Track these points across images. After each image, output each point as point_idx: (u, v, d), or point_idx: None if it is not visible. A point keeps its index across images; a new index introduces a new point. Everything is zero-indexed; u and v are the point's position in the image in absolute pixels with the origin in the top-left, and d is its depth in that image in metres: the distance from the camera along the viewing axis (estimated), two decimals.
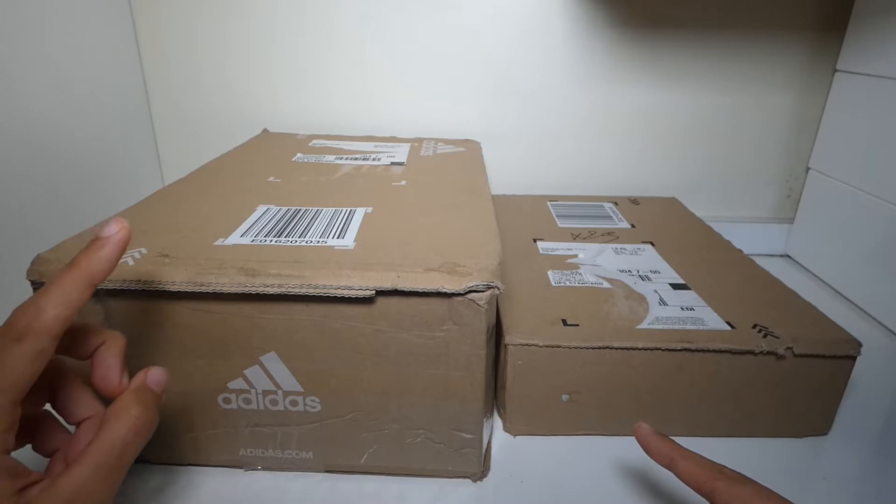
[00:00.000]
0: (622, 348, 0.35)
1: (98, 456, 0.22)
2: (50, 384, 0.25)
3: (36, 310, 0.21)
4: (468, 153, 0.55)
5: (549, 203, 0.60)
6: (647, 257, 0.47)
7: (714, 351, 0.35)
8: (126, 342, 0.25)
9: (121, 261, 0.29)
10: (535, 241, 0.50)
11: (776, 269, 0.56)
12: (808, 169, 0.63)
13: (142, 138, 0.63)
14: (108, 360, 0.24)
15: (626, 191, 0.66)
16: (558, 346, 0.35)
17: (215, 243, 0.32)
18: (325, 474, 0.34)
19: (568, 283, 0.42)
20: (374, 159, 0.51)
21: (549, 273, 0.44)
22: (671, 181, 0.66)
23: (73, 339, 0.24)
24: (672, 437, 0.30)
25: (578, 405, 0.37)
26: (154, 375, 0.25)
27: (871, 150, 0.53)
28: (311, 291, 0.28)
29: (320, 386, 0.31)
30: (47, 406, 0.26)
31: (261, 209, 0.37)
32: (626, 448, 0.36)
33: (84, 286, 0.22)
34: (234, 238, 0.33)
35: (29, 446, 0.25)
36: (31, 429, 0.25)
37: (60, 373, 0.25)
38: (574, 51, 0.61)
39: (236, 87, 0.63)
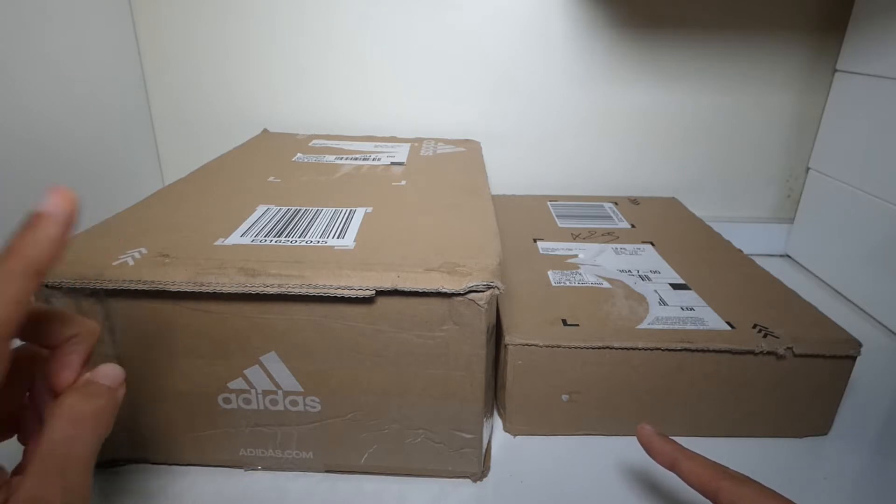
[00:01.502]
0: (622, 348, 0.35)
1: (43, 462, 0.20)
2: (29, 373, 0.23)
3: None
4: (468, 153, 0.55)
5: (549, 203, 0.60)
6: (647, 257, 0.47)
7: (714, 351, 0.35)
8: (98, 337, 0.23)
9: (120, 260, 0.29)
10: (535, 241, 0.50)
11: (776, 269, 0.56)
12: (808, 169, 0.63)
13: (142, 138, 0.63)
14: (71, 355, 0.22)
15: (626, 191, 0.66)
16: (558, 346, 0.35)
17: (215, 243, 0.32)
18: (325, 474, 0.34)
19: (568, 283, 0.42)
20: (374, 159, 0.51)
21: (549, 273, 0.44)
22: (671, 181, 0.66)
23: (41, 326, 0.22)
24: (672, 438, 0.30)
25: (578, 405, 0.37)
26: (103, 370, 0.22)
27: (871, 150, 0.53)
28: (311, 291, 0.28)
29: (320, 386, 0.31)
30: None
31: (261, 209, 0.37)
32: (627, 448, 0.36)
33: (27, 276, 0.19)
34: (234, 238, 0.33)
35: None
36: (15, 420, 0.23)
37: (36, 362, 0.23)
38: (574, 51, 0.61)
39: (236, 87, 0.63)
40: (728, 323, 0.37)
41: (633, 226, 0.54)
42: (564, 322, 0.37)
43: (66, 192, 0.20)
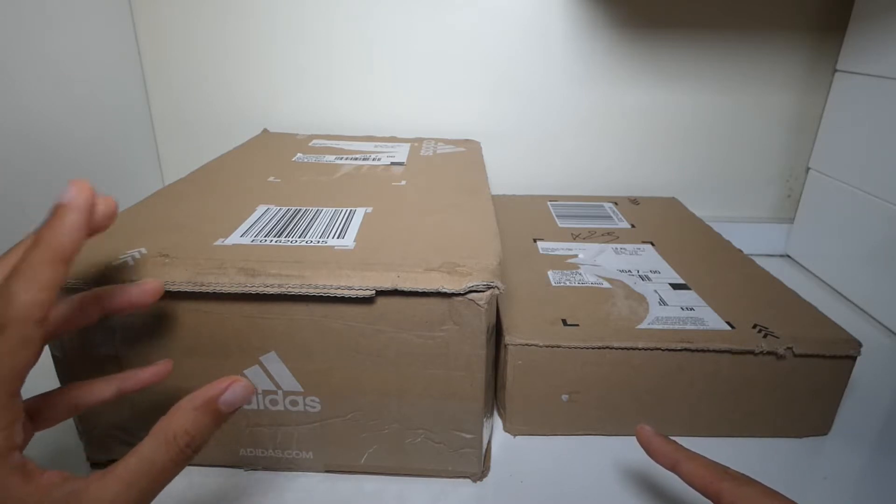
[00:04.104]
0: (622, 348, 0.35)
1: (176, 438, 0.21)
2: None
3: (8, 297, 0.19)
4: (468, 153, 0.55)
5: (549, 203, 0.60)
6: (647, 257, 0.47)
7: (714, 351, 0.35)
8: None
9: (120, 260, 0.29)
10: (535, 241, 0.50)
11: (776, 269, 0.56)
12: (808, 169, 0.63)
13: (142, 138, 0.63)
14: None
15: (626, 191, 0.66)
16: (558, 346, 0.35)
17: (215, 243, 0.32)
18: (325, 474, 0.34)
19: (568, 283, 0.42)
20: (374, 159, 0.51)
21: (549, 273, 0.44)
22: (671, 181, 0.66)
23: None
24: (672, 438, 0.30)
25: (578, 405, 0.37)
26: (230, 396, 0.22)
27: (871, 150, 0.53)
28: (311, 291, 0.28)
29: (320, 386, 0.31)
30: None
31: (261, 209, 0.37)
32: (627, 448, 0.36)
33: (55, 263, 0.20)
34: (234, 238, 0.33)
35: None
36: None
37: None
38: (574, 51, 0.61)
39: (236, 87, 0.63)
40: (728, 323, 0.37)
41: (633, 226, 0.54)
42: (564, 322, 0.37)
43: (82, 182, 0.21)
